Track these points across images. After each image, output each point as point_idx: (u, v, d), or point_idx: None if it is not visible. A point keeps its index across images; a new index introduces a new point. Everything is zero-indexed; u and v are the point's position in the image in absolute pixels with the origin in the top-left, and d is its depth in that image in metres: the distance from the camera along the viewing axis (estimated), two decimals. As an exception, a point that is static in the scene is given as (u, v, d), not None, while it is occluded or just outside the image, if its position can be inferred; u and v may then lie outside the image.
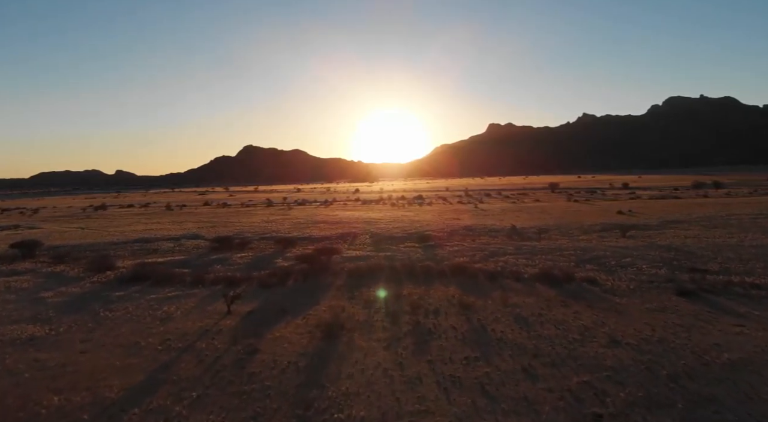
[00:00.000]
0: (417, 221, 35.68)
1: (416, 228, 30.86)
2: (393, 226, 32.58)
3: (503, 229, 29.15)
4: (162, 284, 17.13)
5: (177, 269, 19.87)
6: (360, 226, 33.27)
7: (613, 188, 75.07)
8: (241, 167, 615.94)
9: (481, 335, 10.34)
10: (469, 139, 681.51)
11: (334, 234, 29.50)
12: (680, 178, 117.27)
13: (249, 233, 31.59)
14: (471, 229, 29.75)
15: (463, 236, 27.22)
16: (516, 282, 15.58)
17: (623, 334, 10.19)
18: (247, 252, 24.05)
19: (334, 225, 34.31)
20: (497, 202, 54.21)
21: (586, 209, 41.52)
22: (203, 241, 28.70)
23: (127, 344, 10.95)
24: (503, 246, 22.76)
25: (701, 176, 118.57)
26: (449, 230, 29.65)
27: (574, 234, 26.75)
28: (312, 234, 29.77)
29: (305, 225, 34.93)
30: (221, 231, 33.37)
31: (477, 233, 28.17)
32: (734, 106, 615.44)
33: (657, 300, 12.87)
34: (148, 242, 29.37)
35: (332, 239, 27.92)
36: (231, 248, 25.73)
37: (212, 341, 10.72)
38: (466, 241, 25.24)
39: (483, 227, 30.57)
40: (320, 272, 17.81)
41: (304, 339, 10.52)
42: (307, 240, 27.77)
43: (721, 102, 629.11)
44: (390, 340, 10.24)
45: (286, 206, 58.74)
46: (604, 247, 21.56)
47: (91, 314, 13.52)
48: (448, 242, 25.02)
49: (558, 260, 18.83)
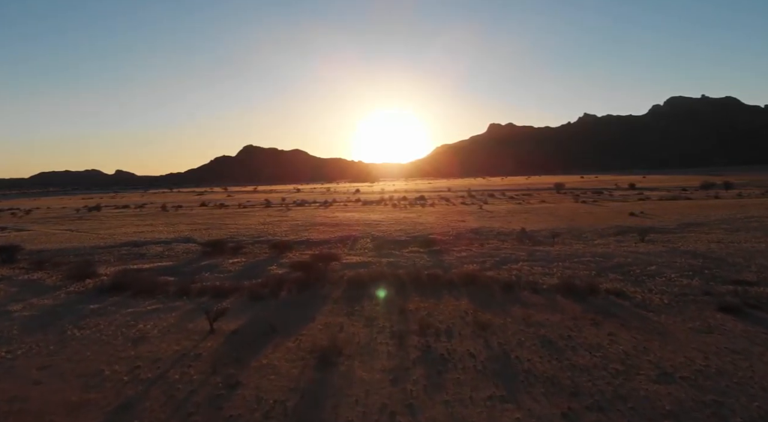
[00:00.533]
0: (420, 223, 34.10)
1: (420, 231, 29.28)
2: (395, 229, 31.00)
3: (512, 233, 27.56)
4: (143, 295, 15.56)
5: (162, 277, 18.30)
6: (360, 229, 31.70)
7: (619, 188, 73.45)
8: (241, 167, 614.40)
9: (504, 365, 8.75)
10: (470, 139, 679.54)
11: (333, 238, 27.93)
12: (686, 178, 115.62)
13: (244, 236, 30.01)
14: (478, 232, 28.16)
15: (470, 240, 25.63)
16: (534, 294, 14.00)
17: (673, 364, 8.61)
18: (240, 257, 22.47)
19: (334, 228, 32.74)
20: (502, 203, 52.62)
21: (595, 210, 39.93)
22: (195, 245, 27.13)
23: (90, 372, 9.37)
24: (514, 251, 21.17)
25: (706, 176, 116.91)
26: (455, 233, 28.07)
27: (589, 238, 25.15)
28: (310, 238, 28.19)
29: (303, 228, 33.36)
30: (215, 234, 31.80)
31: (485, 237, 26.58)
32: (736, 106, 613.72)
33: (699, 318, 11.29)
34: (136, 246, 27.79)
35: (331, 243, 26.35)
36: (223, 253, 24.17)
37: (188, 370, 9.14)
38: (474, 246, 23.65)
39: (490, 230, 28.98)
40: (317, 281, 16.23)
41: (295, 369, 8.94)
42: (304, 244, 26.19)
43: (723, 102, 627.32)
44: (396, 371, 8.65)
45: (285, 207, 57.19)
46: (624, 253, 19.97)
47: (58, 332, 11.95)
48: (455, 247, 23.43)
49: (577, 268, 17.24)
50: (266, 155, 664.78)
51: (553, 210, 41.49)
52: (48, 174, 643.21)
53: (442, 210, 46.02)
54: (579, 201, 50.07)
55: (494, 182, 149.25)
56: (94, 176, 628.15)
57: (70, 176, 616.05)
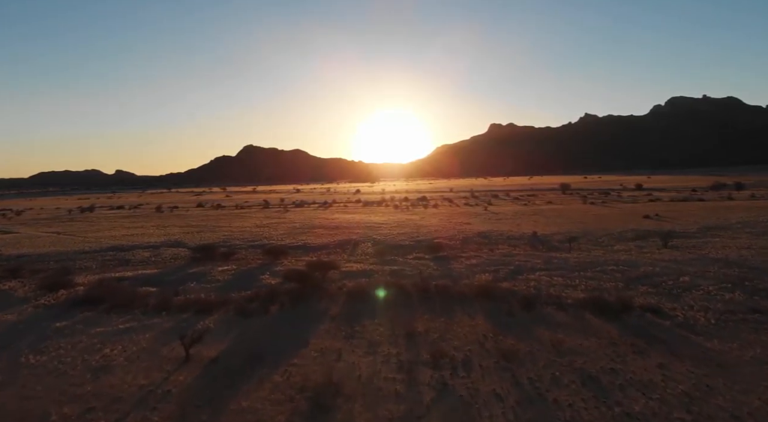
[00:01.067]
0: (424, 226, 32.43)
1: (424, 235, 27.61)
2: (398, 232, 29.33)
3: (523, 237, 25.88)
4: (119, 309, 13.89)
5: (144, 287, 16.64)
6: (361, 232, 30.03)
7: (626, 189, 71.73)
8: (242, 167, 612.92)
9: (541, 412, 7.07)
10: (471, 139, 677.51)
11: (332, 242, 26.26)
12: (691, 178, 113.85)
13: (237, 240, 28.35)
14: (486, 236, 26.48)
15: (478, 245, 23.95)
16: (559, 311, 12.33)
17: (750, 411, 6.93)
18: (231, 264, 20.78)
19: (333, 231, 31.08)
20: (507, 205, 50.92)
21: (606, 212, 38.24)
22: (184, 250, 25.45)
23: (35, 415, 7.72)
24: (529, 258, 19.48)
25: (711, 177, 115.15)
26: (461, 237, 26.39)
27: (607, 243, 23.47)
28: (307, 242, 26.52)
29: (301, 231, 31.69)
30: (208, 237, 30.14)
31: (494, 241, 24.90)
32: (737, 106, 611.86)
33: (759, 344, 9.62)
34: (122, 251, 26.13)
35: (330, 248, 24.68)
36: (213, 259, 22.47)
37: (150, 415, 7.47)
38: (484, 252, 21.97)
39: (499, 234, 27.31)
40: (313, 293, 14.56)
41: (282, 415, 7.26)
42: (301, 249, 24.52)
43: (724, 102, 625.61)
44: (407, 420, 6.97)
45: (283, 208, 55.52)
46: (649, 261, 18.30)
47: (12, 359, 10.28)
48: (463, 252, 21.76)
49: (601, 279, 15.57)
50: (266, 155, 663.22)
51: (562, 211, 39.80)
52: (47, 174, 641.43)
53: (445, 211, 44.35)
54: (587, 202, 48.39)
55: (496, 182, 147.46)
56: (93, 176, 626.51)
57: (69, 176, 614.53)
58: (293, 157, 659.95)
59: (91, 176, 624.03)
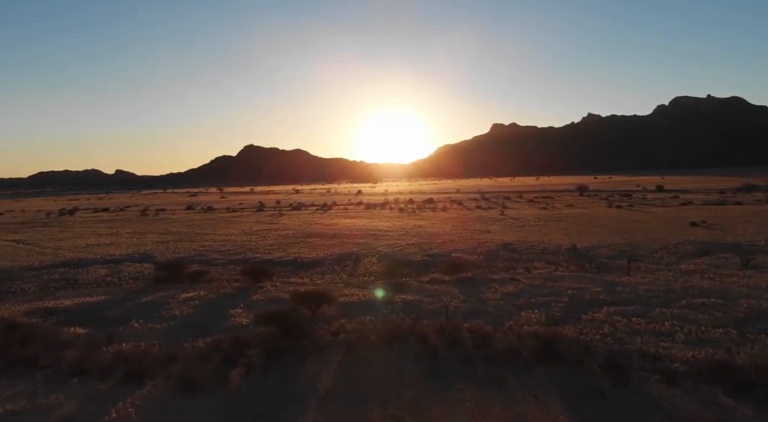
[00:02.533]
0: (436, 235, 28.06)
1: (438, 247, 23.25)
2: (407, 243, 24.96)
3: (559, 250, 21.49)
4: (15, 370, 9.60)
5: (72, 328, 12.32)
6: (364, 242, 25.67)
7: (646, 191, 67.22)
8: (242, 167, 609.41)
9: None
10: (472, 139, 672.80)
11: (329, 256, 21.91)
12: (709, 179, 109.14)
13: (217, 252, 24.02)
14: (514, 249, 22.09)
15: (508, 261, 19.56)
16: (670, 386, 7.98)
17: None
18: (199, 289, 16.41)
19: (331, 241, 26.71)
20: (524, 208, 46.45)
21: (642, 218, 33.79)
22: (150, 266, 21.08)
23: None
24: (582, 284, 15.08)
25: (729, 178, 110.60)
26: (484, 250, 22.02)
27: (668, 260, 19.05)
28: (300, 256, 22.16)
29: (293, 241, 27.33)
30: (184, 248, 25.81)
31: (526, 256, 20.51)
32: (742, 106, 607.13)
33: None
34: (77, 267, 21.79)
35: (326, 264, 20.31)
36: (180, 280, 18.14)
37: None
38: (518, 272, 17.59)
39: (528, 246, 22.91)
40: (297, 344, 10.22)
41: None
42: (290, 266, 20.15)
43: (729, 102, 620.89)
44: None
45: (278, 212, 51.17)
46: (744, 289, 13.93)
47: None
48: (493, 273, 17.39)
49: (699, 321, 11.18)
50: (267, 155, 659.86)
51: (590, 217, 35.35)
52: (47, 174, 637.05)
53: (457, 216, 39.96)
54: (613, 205, 43.93)
55: (503, 183, 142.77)
56: (93, 176, 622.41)
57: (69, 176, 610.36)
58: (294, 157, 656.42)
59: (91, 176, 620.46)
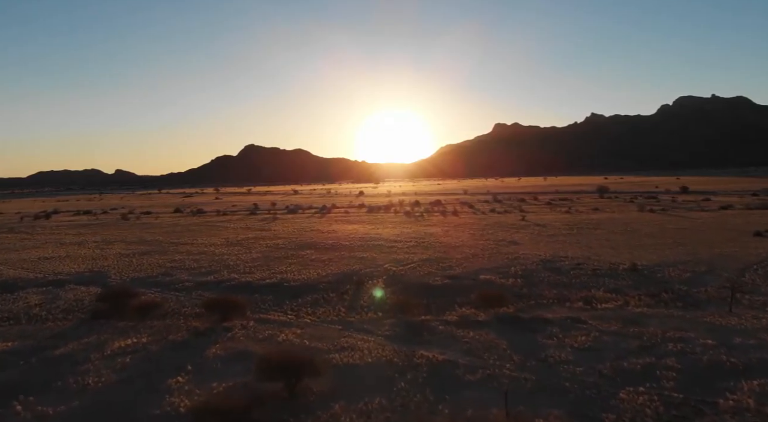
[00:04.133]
0: (454, 247, 23.48)
1: (460, 264, 18.68)
2: (419, 258, 20.38)
3: (616, 271, 16.86)
4: None
5: None
6: (367, 257, 21.10)
7: (670, 192, 62.57)
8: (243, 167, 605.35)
9: None
10: (475, 139, 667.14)
11: (323, 278, 17.35)
12: (729, 180, 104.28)
13: (186, 270, 19.47)
14: (557, 269, 17.48)
15: (555, 288, 14.96)
16: None
17: None
18: (143, 332, 11.88)
19: (328, 255, 22.14)
20: (545, 212, 41.80)
21: (690, 226, 29.13)
22: (97, 290, 16.54)
23: None
24: (679, 329, 10.49)
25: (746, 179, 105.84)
26: (519, 270, 17.43)
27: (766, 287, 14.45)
28: (286, 278, 17.59)
29: (282, 254, 22.76)
30: (149, 264, 21.29)
31: (576, 279, 15.89)
32: (747, 106, 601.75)
33: None
34: (7, 291, 17.28)
35: (319, 290, 15.74)
36: (123, 314, 13.65)
37: None
38: (578, 306, 13.02)
39: (573, 263, 18.28)
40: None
41: None
42: (272, 292, 15.59)
43: (734, 101, 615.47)
44: None
45: (272, 215, 46.62)
46: None
47: None
48: (543, 307, 12.83)
49: None
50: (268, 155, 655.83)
51: (627, 223, 30.68)
52: (46, 173, 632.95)
53: (471, 221, 35.37)
54: (645, 209, 39.30)
55: (510, 183, 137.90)
56: (93, 176, 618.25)
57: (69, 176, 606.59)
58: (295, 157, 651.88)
59: (91, 176, 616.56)
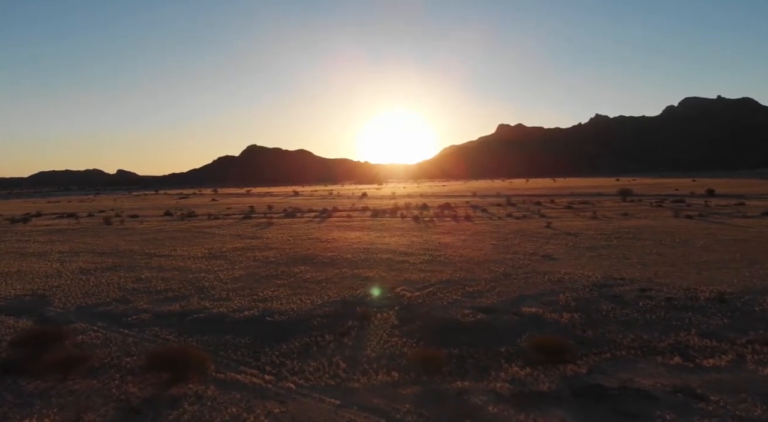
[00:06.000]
0: (478, 263, 19.61)
1: (490, 288, 14.85)
2: (438, 279, 16.53)
3: (696, 301, 12.98)
4: None
5: None
6: (374, 276, 17.28)
7: (696, 195, 58.58)
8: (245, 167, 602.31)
9: None
10: (478, 139, 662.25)
11: (318, 307, 13.53)
12: (747, 182, 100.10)
13: (149, 294, 15.67)
14: (618, 297, 13.60)
15: (629, 328, 11.09)
16: None
17: None
18: (54, 406, 8.05)
19: (325, 273, 18.30)
20: (569, 217, 37.85)
21: (744, 236, 25.18)
22: (24, 324, 12.79)
23: None
24: None
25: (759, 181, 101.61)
26: (571, 298, 13.58)
27: None
28: (271, 307, 13.77)
29: (271, 271, 18.93)
30: (108, 284, 17.51)
31: (650, 314, 12.01)
32: (753, 107, 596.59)
33: None
34: None
35: (310, 329, 11.90)
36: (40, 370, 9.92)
37: None
38: (674, 361, 9.10)
39: (636, 289, 14.40)
40: None
41: None
42: (250, 332, 11.75)
43: (740, 103, 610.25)
44: None
45: (268, 219, 42.84)
46: None
47: None
48: (627, 365, 8.99)
49: None
50: (270, 155, 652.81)
51: (670, 233, 26.75)
52: (48, 173, 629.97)
53: (489, 228, 31.48)
54: (681, 215, 35.35)
55: (519, 185, 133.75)
56: (94, 176, 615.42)
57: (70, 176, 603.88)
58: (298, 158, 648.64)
59: (93, 176, 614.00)
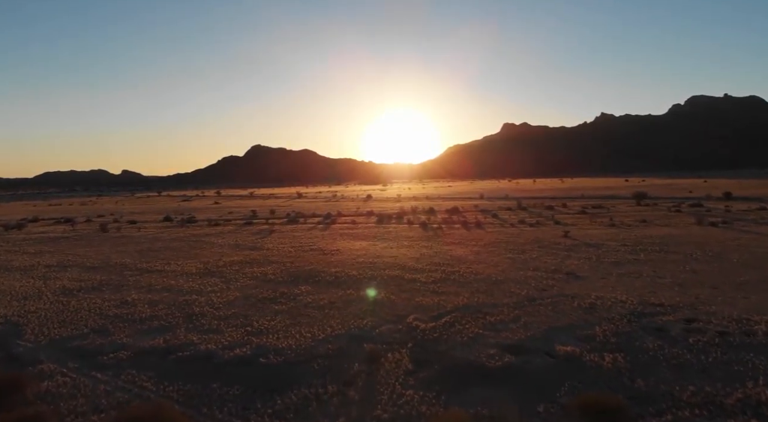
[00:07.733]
0: (496, 282, 17.77)
1: (517, 319, 13.05)
2: (455, 304, 14.74)
3: (754, 335, 11.09)
4: None
5: None
6: (383, 300, 15.51)
7: (712, 198, 56.46)
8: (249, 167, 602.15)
9: None
10: (483, 138, 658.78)
11: (319, 343, 11.73)
12: (760, 182, 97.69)
13: (132, 322, 13.93)
14: (662, 331, 11.73)
15: (685, 376, 9.17)
16: None
17: None
18: None
19: (328, 295, 16.54)
20: (585, 224, 35.88)
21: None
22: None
23: None
24: None
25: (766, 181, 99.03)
26: (609, 331, 11.75)
27: None
28: (264, 345, 11.96)
29: (270, 293, 17.18)
30: (88, 309, 15.82)
31: (705, 356, 10.08)
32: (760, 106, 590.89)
33: None
34: None
35: (308, 377, 10.04)
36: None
37: None
38: (771, 443, 7.38)
39: (678, 318, 12.54)
40: None
41: None
42: (240, 376, 9.84)
43: (747, 101, 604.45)
44: None
45: (269, 226, 41.21)
46: None
47: None
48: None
49: None
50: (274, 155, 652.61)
51: (696, 243, 24.80)
52: (52, 173, 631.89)
53: (502, 237, 29.63)
54: (704, 222, 33.38)
55: (526, 185, 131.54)
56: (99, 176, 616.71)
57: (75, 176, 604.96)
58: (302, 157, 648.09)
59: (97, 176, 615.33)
